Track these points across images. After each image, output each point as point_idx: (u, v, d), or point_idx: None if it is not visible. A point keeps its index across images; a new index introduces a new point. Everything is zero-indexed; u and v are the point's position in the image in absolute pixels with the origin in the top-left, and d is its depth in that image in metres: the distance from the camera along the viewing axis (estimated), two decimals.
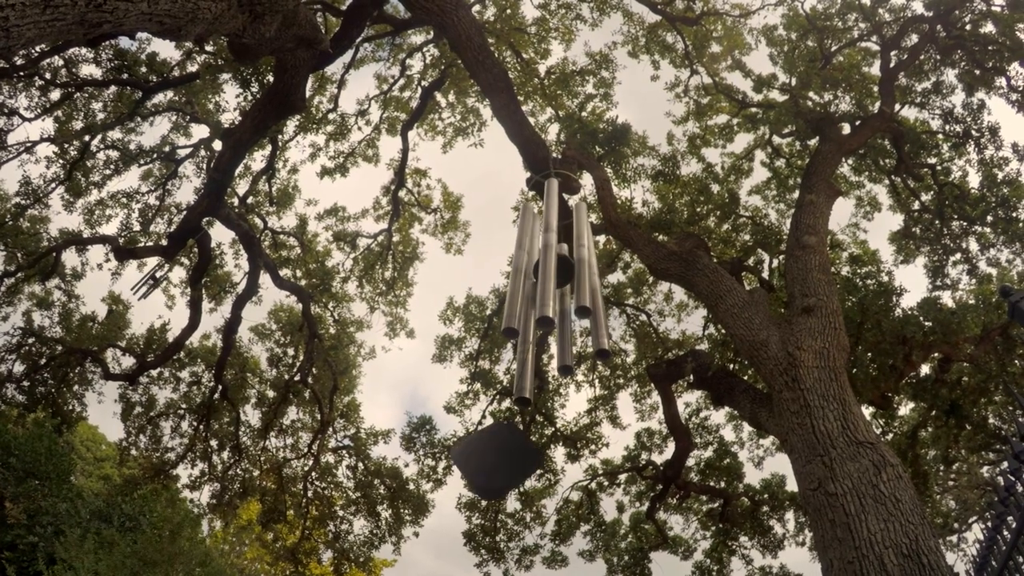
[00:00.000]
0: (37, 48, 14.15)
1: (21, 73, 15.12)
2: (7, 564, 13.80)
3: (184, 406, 20.08)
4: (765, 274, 17.34)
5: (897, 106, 15.99)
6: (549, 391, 18.53)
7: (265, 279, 17.93)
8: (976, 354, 14.51)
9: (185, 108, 17.26)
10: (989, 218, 16.09)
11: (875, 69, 16.32)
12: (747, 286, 15.71)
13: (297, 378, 20.00)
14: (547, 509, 19.32)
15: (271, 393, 20.68)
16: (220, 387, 19.14)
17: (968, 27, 15.22)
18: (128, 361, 19.19)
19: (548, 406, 18.59)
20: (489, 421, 18.64)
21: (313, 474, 21.07)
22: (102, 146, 17.08)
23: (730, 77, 18.00)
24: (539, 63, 17.65)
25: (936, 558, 7.09)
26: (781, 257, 16.49)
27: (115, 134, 17.02)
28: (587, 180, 15.07)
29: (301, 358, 20.01)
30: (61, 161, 16.73)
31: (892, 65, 15.58)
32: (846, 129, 15.97)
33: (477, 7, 16.72)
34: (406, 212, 19.95)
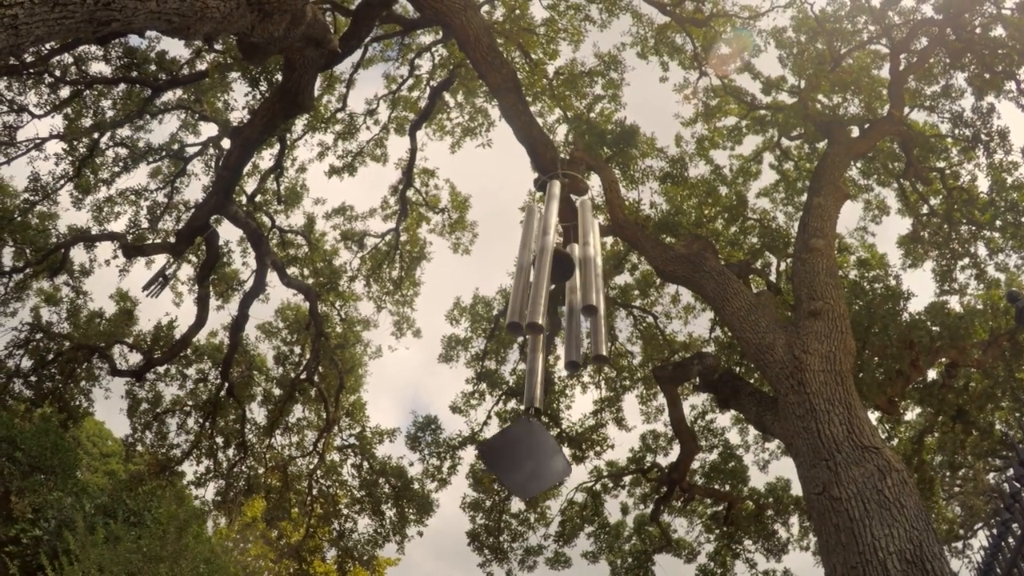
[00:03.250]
0: (46, 46, 14.21)
1: (31, 70, 15.18)
2: (10, 558, 13.86)
3: (190, 403, 20.13)
4: (772, 277, 17.31)
5: (906, 109, 15.94)
6: (555, 392, 18.52)
7: (272, 277, 17.97)
8: (983, 359, 14.47)
9: (194, 106, 17.30)
10: (998, 223, 16.02)
11: (884, 72, 16.27)
12: (754, 289, 15.69)
13: (303, 376, 20.02)
14: (551, 510, 19.33)
15: (277, 391, 20.71)
16: (226, 384, 19.18)
17: (978, 30, 15.15)
18: (135, 357, 19.25)
19: (554, 407, 18.58)
20: (495, 422, 18.67)
21: (318, 472, 21.11)
22: (111, 143, 17.13)
23: (739, 79, 17.96)
24: (548, 64, 17.65)
25: (940, 564, 7.06)
26: (788, 260, 16.45)
27: (124, 132, 17.07)
28: (595, 181, 15.08)
29: (307, 356, 20.04)
30: (70, 158, 16.78)
31: (901, 68, 15.52)
32: (855, 132, 15.93)
33: (486, 7, 16.74)
34: (414, 212, 19.96)
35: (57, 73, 15.82)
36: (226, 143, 16.32)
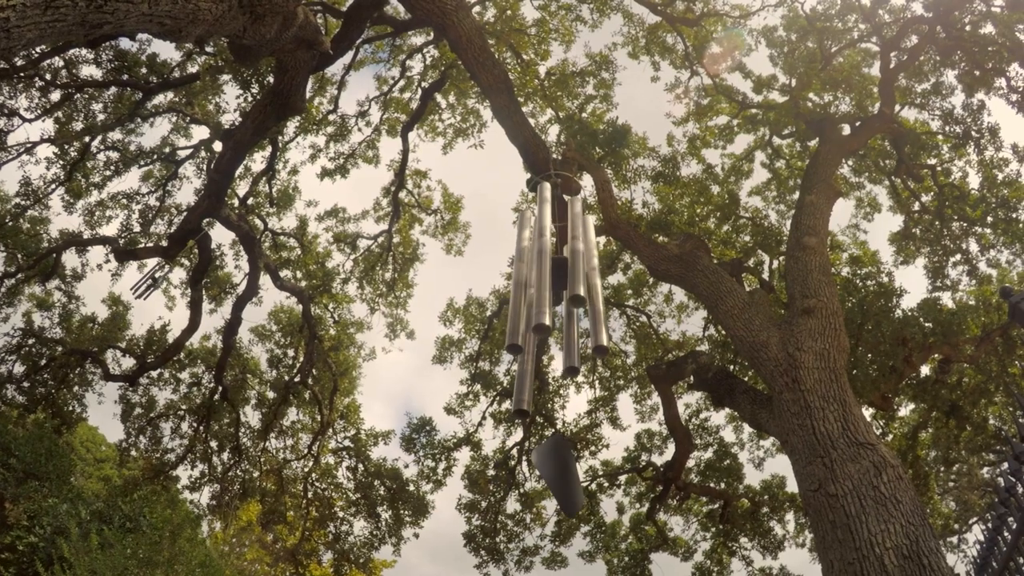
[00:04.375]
0: (38, 49, 14.15)
1: (21, 74, 15.11)
2: (6, 566, 13.80)
3: (184, 407, 20.07)
4: (765, 275, 17.36)
5: (897, 107, 16.00)
6: (549, 392, 18.53)
7: (265, 280, 17.93)
8: (976, 355, 14.53)
9: (185, 109, 17.24)
10: (989, 219, 16.09)
11: (875, 70, 16.33)
12: (747, 287, 15.72)
13: (297, 379, 19.99)
14: (547, 510, 19.32)
15: (271, 394, 20.67)
16: (220, 388, 19.13)
17: (968, 28, 15.22)
18: (128, 362, 19.19)
19: (548, 407, 18.58)
20: (489, 423, 18.67)
21: (313, 475, 21.07)
22: (102, 147, 17.07)
23: (730, 78, 18.01)
24: (539, 64, 17.65)
25: (937, 559, 7.09)
26: (781, 258, 16.51)
27: (115, 135, 17.02)
28: (587, 181, 15.09)
29: (301, 359, 20.00)
30: (61, 162, 16.71)
31: (892, 66, 15.59)
32: (846, 130, 15.98)
33: (477, 8, 16.72)
34: (406, 213, 19.94)
35: (48, 76, 15.77)
36: (218, 146, 16.27)
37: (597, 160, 15.19)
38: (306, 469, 21.12)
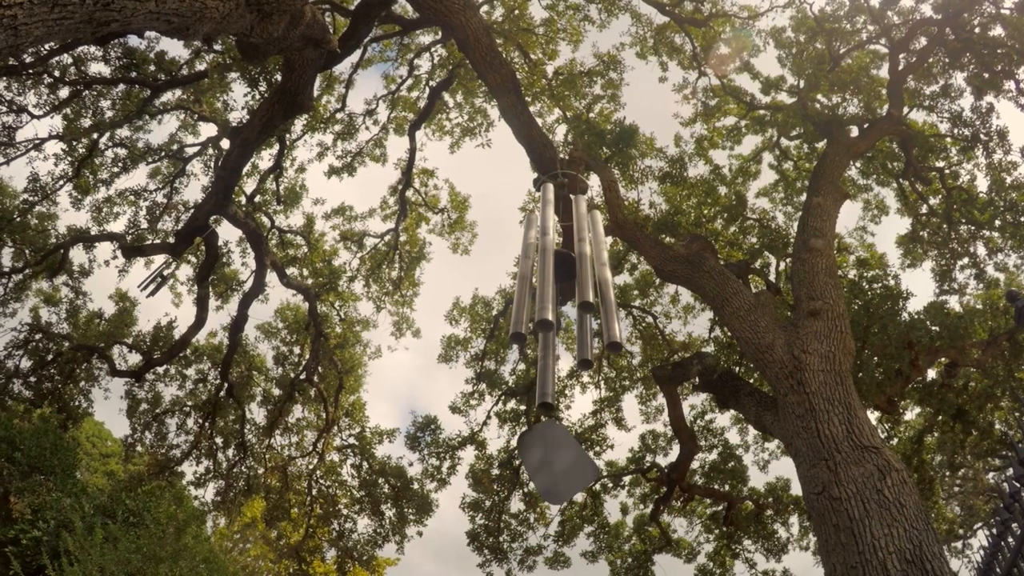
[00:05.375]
0: (46, 46, 14.20)
1: (30, 71, 15.17)
2: (12, 558, 13.85)
3: (190, 403, 20.14)
4: (772, 277, 17.31)
5: (905, 109, 15.94)
6: (554, 392, 18.48)
7: (272, 278, 17.99)
8: (983, 359, 14.46)
9: (193, 107, 17.29)
10: (997, 222, 16.04)
11: (883, 72, 16.29)
12: (753, 289, 15.69)
13: (303, 377, 20.03)
14: (551, 510, 19.32)
15: (276, 391, 20.71)
16: (226, 385, 19.19)
17: (977, 30, 15.16)
18: (134, 358, 19.29)
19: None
20: (495, 422, 18.67)
21: (317, 472, 21.11)
22: (110, 144, 17.13)
23: (738, 79, 17.99)
24: (547, 64, 17.67)
25: (940, 564, 7.06)
26: (788, 260, 16.46)
27: (123, 132, 17.07)
28: (594, 181, 15.09)
29: (307, 357, 20.04)
30: (69, 159, 16.78)
31: (900, 68, 15.54)
32: (854, 132, 15.94)
33: (485, 7, 16.74)
34: (413, 212, 19.97)
35: (56, 73, 15.82)
36: (225, 143, 16.31)
37: (604, 160, 15.18)
38: (310, 466, 21.17)
